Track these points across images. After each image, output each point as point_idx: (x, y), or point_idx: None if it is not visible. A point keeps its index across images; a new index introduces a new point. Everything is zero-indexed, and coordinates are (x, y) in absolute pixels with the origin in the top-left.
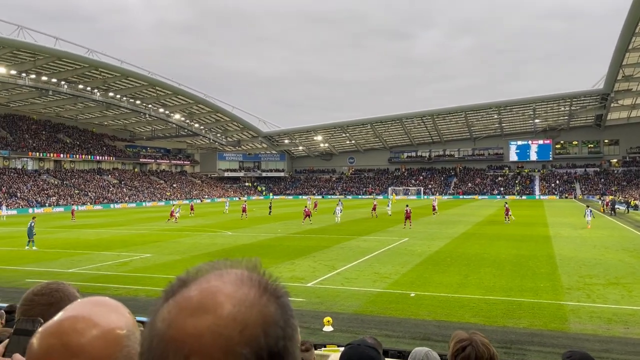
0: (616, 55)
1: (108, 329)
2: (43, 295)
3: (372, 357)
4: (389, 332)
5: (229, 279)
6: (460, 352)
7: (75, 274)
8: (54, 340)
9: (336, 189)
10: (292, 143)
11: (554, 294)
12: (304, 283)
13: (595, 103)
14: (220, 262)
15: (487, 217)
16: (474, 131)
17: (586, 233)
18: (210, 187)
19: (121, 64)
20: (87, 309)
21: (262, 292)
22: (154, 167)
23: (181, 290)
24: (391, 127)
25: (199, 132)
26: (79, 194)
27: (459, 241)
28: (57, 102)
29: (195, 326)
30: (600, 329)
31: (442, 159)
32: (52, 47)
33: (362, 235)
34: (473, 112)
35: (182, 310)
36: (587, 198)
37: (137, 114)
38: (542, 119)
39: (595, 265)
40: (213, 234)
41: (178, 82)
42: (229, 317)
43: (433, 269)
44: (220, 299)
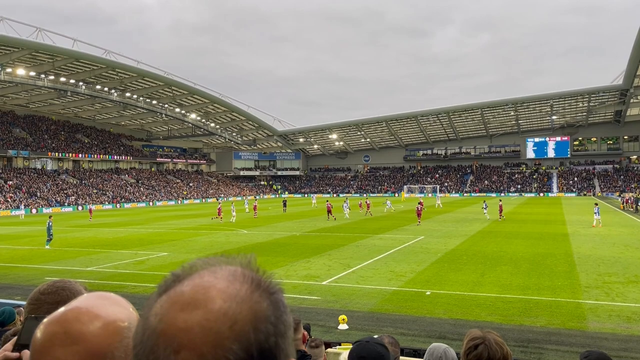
0: (635, 51)
1: (109, 320)
2: (50, 293)
3: (381, 353)
4: (405, 331)
5: (222, 275)
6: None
7: (93, 272)
8: (56, 328)
9: (351, 188)
10: (307, 142)
11: (572, 293)
12: (319, 281)
13: (614, 99)
14: (214, 258)
15: (505, 214)
16: (490, 128)
17: (605, 231)
18: (226, 186)
19: (138, 64)
20: (91, 302)
21: (254, 288)
22: (170, 167)
23: (175, 285)
24: (406, 125)
25: (215, 131)
26: (97, 193)
27: (475, 239)
28: (76, 102)
29: (186, 321)
30: (620, 327)
31: (458, 157)
32: (71, 49)
33: (378, 234)
34: (489, 109)
35: (174, 304)
36: (606, 195)
37: (153, 113)
38: (560, 115)
39: (614, 263)
40: (229, 233)
41: (194, 82)
42: (220, 312)
43: (449, 267)
44: (211, 294)
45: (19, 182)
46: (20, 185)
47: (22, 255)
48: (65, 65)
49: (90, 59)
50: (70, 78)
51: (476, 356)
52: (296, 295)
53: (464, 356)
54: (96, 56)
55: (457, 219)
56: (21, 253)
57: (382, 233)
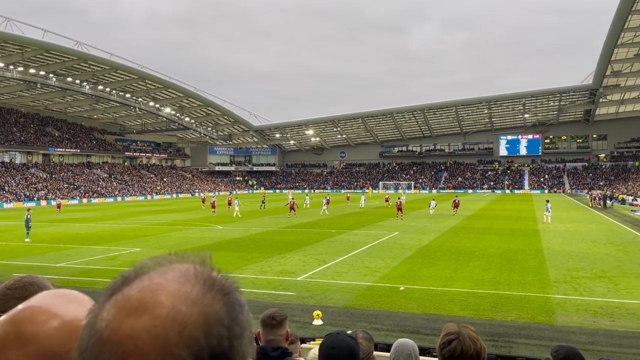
0: (605, 51)
1: (66, 319)
2: (17, 289)
3: (350, 344)
4: (379, 326)
5: (173, 276)
6: (447, 345)
7: (64, 268)
8: (9, 328)
9: (327, 184)
10: (284, 137)
11: (542, 287)
12: (294, 277)
13: (584, 98)
14: (166, 257)
15: (477, 211)
16: (465, 126)
17: (574, 227)
18: (201, 181)
19: (110, 56)
20: (46, 300)
21: (207, 289)
22: (144, 161)
23: (123, 288)
24: (382, 122)
25: (190, 126)
26: (68, 187)
27: (448, 235)
28: (46, 95)
29: (132, 327)
30: (587, 321)
31: (433, 154)
32: (41, 40)
33: (353, 230)
34: (463, 106)
35: (121, 309)
36: (575, 192)
37: (126, 107)
38: (532, 113)
39: (582, 259)
40: (204, 228)
41: (169, 76)
42: (168, 317)
43: (422, 263)
44: (160, 298)
45: None
46: None
47: None
48: (35, 56)
49: (61, 50)
50: (40, 70)
51: (449, 351)
52: (271, 291)
53: (439, 350)
54: (67, 47)
55: (431, 215)
56: None
57: (357, 229)
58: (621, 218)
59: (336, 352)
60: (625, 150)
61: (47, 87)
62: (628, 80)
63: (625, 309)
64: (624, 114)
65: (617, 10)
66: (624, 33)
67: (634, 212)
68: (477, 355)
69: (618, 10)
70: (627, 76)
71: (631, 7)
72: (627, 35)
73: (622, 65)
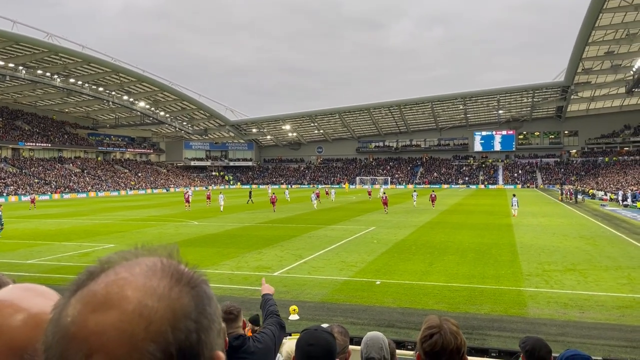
0: (576, 49)
1: (32, 312)
2: None
3: (328, 340)
4: (355, 320)
5: (139, 271)
6: (428, 339)
7: (34, 265)
8: None
9: (305, 179)
10: (260, 132)
11: (514, 281)
12: (271, 272)
13: (557, 95)
14: (133, 251)
15: (452, 206)
16: (440, 121)
17: (546, 221)
18: (176, 176)
19: (83, 49)
20: (13, 294)
21: (174, 283)
22: (117, 156)
23: (88, 283)
24: (359, 117)
25: (165, 120)
26: (38, 183)
27: (424, 230)
28: (15, 87)
29: (98, 323)
30: (557, 313)
31: (409, 149)
32: (9, 31)
33: (330, 225)
34: (439, 102)
35: (86, 305)
36: (547, 187)
37: (100, 101)
38: (506, 110)
39: (553, 252)
40: (179, 224)
41: (143, 69)
42: (135, 312)
43: (398, 257)
44: (126, 292)
45: None
46: None
47: None
48: (3, 48)
49: (31, 42)
50: (9, 62)
51: (430, 345)
52: (247, 287)
53: (419, 343)
54: (37, 39)
55: (407, 210)
56: None
57: (334, 224)
58: (591, 212)
59: (314, 348)
60: (596, 146)
61: (16, 80)
62: (598, 78)
63: (594, 300)
64: (595, 110)
65: (588, 9)
66: (595, 31)
67: (604, 206)
68: (457, 350)
69: (589, 9)
70: (597, 74)
71: (602, 6)
72: (598, 34)
73: (592, 62)
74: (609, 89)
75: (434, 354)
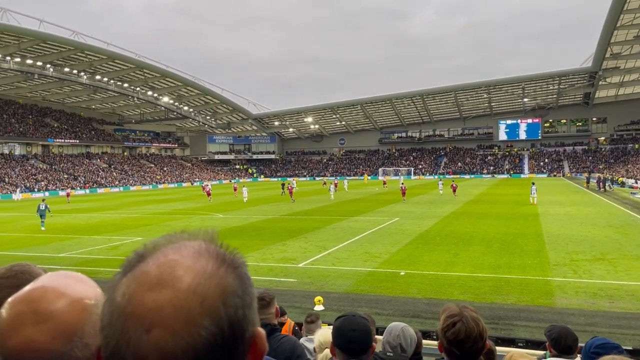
0: (604, 33)
1: (76, 298)
2: (9, 277)
3: (368, 325)
4: (380, 310)
5: (186, 252)
6: (450, 327)
7: (66, 258)
8: (23, 307)
9: (327, 171)
10: (282, 125)
11: (541, 271)
12: (295, 264)
13: (584, 81)
14: (177, 235)
15: (477, 196)
16: (464, 111)
17: (573, 210)
18: (200, 170)
19: (107, 46)
20: (56, 280)
21: (220, 263)
22: (143, 151)
23: (139, 264)
24: (381, 108)
25: (188, 114)
26: (68, 178)
27: (448, 220)
28: (43, 85)
29: (155, 300)
30: (586, 303)
31: (432, 139)
32: (37, 30)
33: (353, 216)
34: (462, 91)
35: (141, 284)
36: (574, 176)
37: (125, 97)
38: (531, 97)
39: (582, 242)
40: (204, 217)
41: (166, 65)
42: (189, 290)
43: (423, 248)
44: (178, 272)
45: None
46: None
47: None
48: (31, 47)
49: (58, 40)
50: (37, 60)
51: (454, 333)
52: (272, 278)
53: (442, 333)
54: (64, 37)
55: (431, 200)
56: None
57: (357, 215)
58: (621, 201)
59: (356, 334)
60: (625, 132)
61: (44, 78)
62: (627, 63)
63: (625, 290)
64: (624, 96)
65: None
66: (624, 15)
67: (634, 194)
68: (480, 336)
69: None
70: (626, 58)
71: None
72: (627, 17)
73: (621, 47)
74: (638, 74)
75: (457, 341)
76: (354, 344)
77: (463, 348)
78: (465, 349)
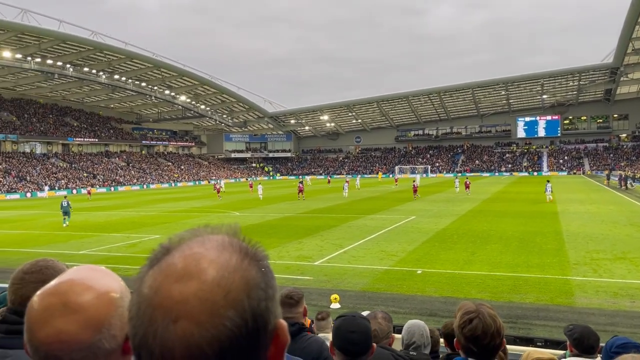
0: (626, 28)
1: (102, 291)
2: (34, 272)
3: (368, 327)
4: (396, 309)
5: (210, 246)
6: (467, 324)
7: (86, 256)
8: (54, 299)
9: (343, 169)
10: (298, 123)
11: (561, 270)
12: (311, 262)
13: (605, 77)
14: (201, 229)
15: (495, 194)
16: (481, 108)
17: (594, 208)
18: (217, 168)
19: (125, 45)
20: (83, 274)
21: (243, 256)
22: (161, 149)
23: (165, 257)
24: (398, 105)
25: (205, 113)
26: (87, 176)
27: (465, 218)
28: (63, 85)
29: (181, 292)
30: (607, 303)
31: (449, 137)
32: (56, 30)
33: (369, 214)
34: (480, 88)
35: (168, 277)
36: (595, 174)
37: (142, 96)
38: (551, 94)
39: (602, 240)
40: (221, 215)
41: (183, 64)
42: (214, 282)
43: (440, 247)
44: (203, 265)
45: (8, 166)
46: (10, 170)
47: (13, 239)
48: (51, 47)
49: (77, 40)
50: (57, 60)
51: (471, 330)
52: (288, 276)
53: (459, 330)
54: (83, 37)
55: (448, 198)
56: (12, 237)
57: (373, 213)
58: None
59: (355, 335)
60: None
61: (64, 78)
62: None
63: None
64: None
65: None
66: None
67: None
68: (497, 332)
69: None
70: None
71: None
72: None
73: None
74: None
75: (475, 338)
76: (353, 346)
77: (480, 344)
78: (483, 346)
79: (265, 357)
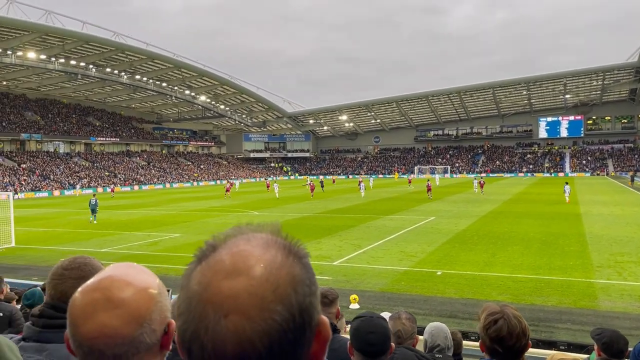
0: None
1: (142, 286)
2: (73, 269)
3: (386, 327)
4: (416, 310)
5: (256, 243)
6: (492, 325)
7: (108, 254)
8: (97, 295)
9: (362, 169)
10: (317, 123)
11: (584, 272)
12: (330, 262)
13: (630, 77)
14: (244, 227)
15: (516, 195)
16: (502, 108)
17: (618, 210)
18: (236, 168)
19: (147, 46)
20: (122, 270)
21: (287, 253)
22: (181, 149)
23: (212, 254)
24: (417, 105)
25: (225, 113)
26: (109, 176)
27: (486, 219)
28: (86, 85)
29: (231, 288)
30: (631, 306)
31: (470, 137)
32: (80, 31)
33: (388, 215)
34: (501, 88)
35: (217, 273)
36: (619, 175)
37: (163, 96)
38: (573, 94)
39: (627, 243)
40: (240, 214)
41: (203, 64)
42: (262, 278)
43: (460, 248)
44: (251, 261)
45: (33, 165)
46: (34, 168)
47: (37, 237)
48: (75, 48)
49: (100, 41)
50: (80, 61)
51: (496, 331)
52: None
53: (484, 331)
54: (105, 38)
55: (468, 199)
56: (36, 234)
57: (392, 214)
58: None
59: (374, 336)
60: None
61: (87, 78)
62: None
63: None
64: None
65: None
66: None
67: None
68: (523, 333)
69: None
70: None
71: None
72: None
73: None
74: None
75: (500, 339)
76: (372, 347)
77: (505, 345)
78: (508, 347)
79: (308, 352)
